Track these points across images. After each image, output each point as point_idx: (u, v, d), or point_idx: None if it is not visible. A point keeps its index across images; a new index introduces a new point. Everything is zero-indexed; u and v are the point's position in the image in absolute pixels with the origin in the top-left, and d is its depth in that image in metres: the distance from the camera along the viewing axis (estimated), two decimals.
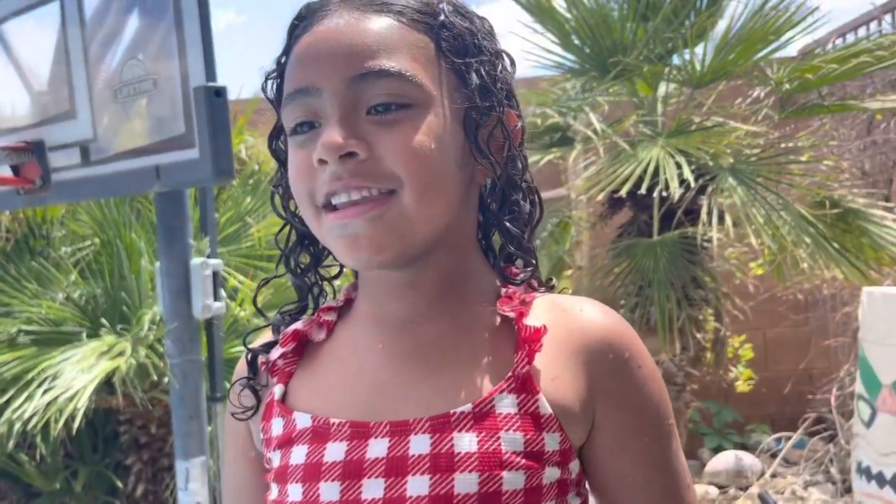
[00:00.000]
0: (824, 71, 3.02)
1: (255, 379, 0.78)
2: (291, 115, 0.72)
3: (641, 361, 0.72)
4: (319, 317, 0.79)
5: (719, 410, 4.45)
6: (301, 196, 0.72)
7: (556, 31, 3.35)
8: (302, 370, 0.77)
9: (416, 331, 0.73)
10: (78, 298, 2.94)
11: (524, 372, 0.69)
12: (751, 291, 3.72)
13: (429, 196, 0.69)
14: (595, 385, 0.70)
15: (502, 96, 0.74)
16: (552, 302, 0.75)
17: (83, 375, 2.51)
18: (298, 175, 0.72)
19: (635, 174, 2.83)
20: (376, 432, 0.69)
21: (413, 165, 0.68)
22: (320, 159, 0.68)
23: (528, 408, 0.68)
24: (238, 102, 4.08)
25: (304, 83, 0.70)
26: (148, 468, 3.17)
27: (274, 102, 0.77)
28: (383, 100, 0.68)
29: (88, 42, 2.00)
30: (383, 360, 0.73)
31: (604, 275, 3.28)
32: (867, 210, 3.04)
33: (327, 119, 0.69)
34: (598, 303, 0.75)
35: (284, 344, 0.77)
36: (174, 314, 2.20)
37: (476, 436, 0.66)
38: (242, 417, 0.78)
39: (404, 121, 0.68)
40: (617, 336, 0.72)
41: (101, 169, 1.98)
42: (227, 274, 3.01)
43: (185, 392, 2.20)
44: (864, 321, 2.27)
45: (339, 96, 0.69)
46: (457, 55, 0.72)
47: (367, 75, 0.68)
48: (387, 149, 0.68)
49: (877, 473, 2.15)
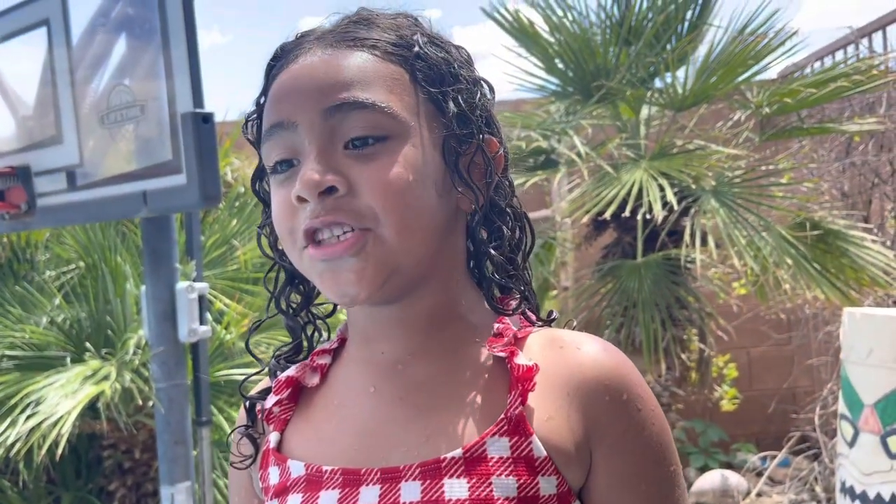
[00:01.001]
0: (803, 95, 3.08)
1: (252, 427, 0.78)
2: (270, 152, 0.72)
3: (641, 404, 0.70)
4: (313, 360, 0.78)
5: (705, 430, 4.47)
6: (284, 235, 0.72)
7: (539, 54, 3.39)
8: (297, 417, 0.76)
9: (406, 372, 0.72)
10: (62, 323, 2.92)
11: (517, 413, 0.67)
12: (734, 311, 3.75)
13: (408, 228, 0.69)
14: (591, 426, 0.69)
15: (482, 123, 0.73)
16: (550, 338, 0.73)
17: (67, 400, 2.49)
18: (280, 214, 0.72)
19: (619, 196, 2.86)
20: (367, 479, 0.68)
21: (390, 200, 0.67)
22: (299, 196, 0.68)
23: (522, 451, 0.66)
24: (224, 125, 4.08)
25: (280, 118, 0.70)
26: (132, 493, 3.13)
27: (255, 143, 0.77)
28: (359, 133, 0.68)
29: (75, 67, 2.01)
30: (374, 405, 0.72)
31: (589, 296, 3.30)
32: (847, 231, 3.08)
33: (305, 155, 0.69)
34: (600, 340, 0.73)
35: (278, 391, 0.77)
36: (160, 338, 2.19)
37: (467, 482, 0.65)
38: (240, 466, 0.78)
39: (381, 154, 0.68)
40: (615, 376, 0.70)
41: (87, 194, 1.98)
42: (213, 297, 3.00)
43: (170, 417, 2.19)
44: (846, 342, 2.29)
45: (314, 129, 0.69)
46: (433, 84, 0.71)
47: (342, 106, 0.68)
48: (364, 184, 0.68)
49: (860, 493, 2.17)
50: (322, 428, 0.74)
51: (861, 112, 3.63)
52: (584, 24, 3.34)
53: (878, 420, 2.14)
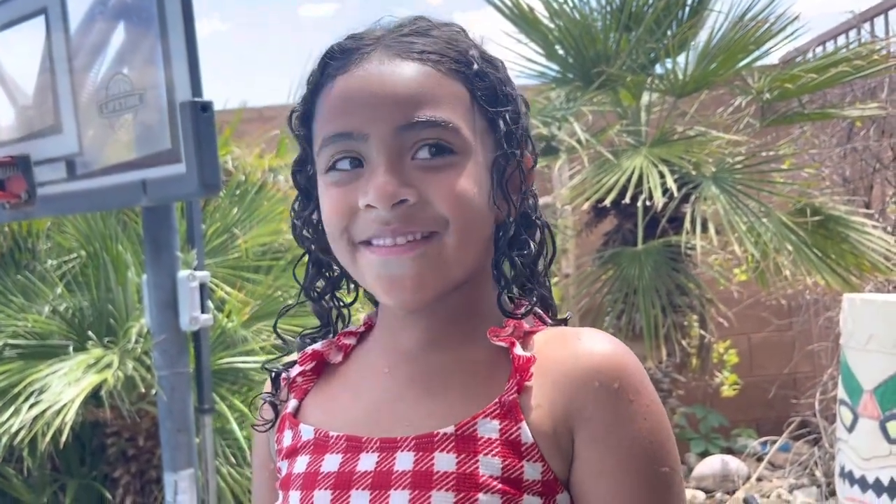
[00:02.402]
0: (804, 80, 3.06)
1: (275, 395, 0.83)
2: (331, 153, 0.73)
3: (635, 396, 0.69)
4: (339, 340, 0.83)
5: (705, 415, 4.48)
6: (335, 233, 0.74)
7: (540, 41, 3.38)
8: (317, 388, 0.81)
9: (420, 358, 0.77)
10: (64, 311, 2.93)
11: (510, 399, 0.70)
12: (735, 297, 3.76)
13: (469, 239, 0.73)
14: (576, 413, 0.69)
15: (524, 140, 0.77)
16: (556, 333, 0.76)
17: (70, 389, 2.50)
18: (335, 213, 0.73)
19: (619, 183, 2.86)
20: (368, 447, 0.73)
21: (459, 209, 0.71)
22: (369, 205, 0.70)
23: (510, 435, 0.69)
24: (224, 113, 4.07)
25: (349, 128, 0.72)
26: (136, 481, 3.15)
27: (299, 135, 0.78)
28: (429, 145, 0.71)
29: (73, 56, 2.01)
30: (386, 384, 0.77)
31: (590, 283, 3.30)
32: (848, 217, 3.08)
33: (372, 163, 0.71)
34: (605, 333, 0.74)
35: (303, 363, 0.82)
36: (161, 327, 2.21)
37: (455, 457, 0.69)
38: (261, 429, 0.83)
39: (449, 167, 0.71)
40: (610, 365, 0.70)
41: (87, 183, 1.99)
42: (214, 285, 3.01)
43: (172, 404, 2.20)
44: (846, 327, 2.29)
45: (386, 142, 0.71)
46: (489, 104, 0.75)
47: (416, 125, 0.70)
48: (434, 193, 0.70)
49: (859, 478, 2.18)
50: (336, 399, 0.79)
51: (862, 97, 3.62)
52: (585, 9, 3.32)
53: (877, 405, 2.15)
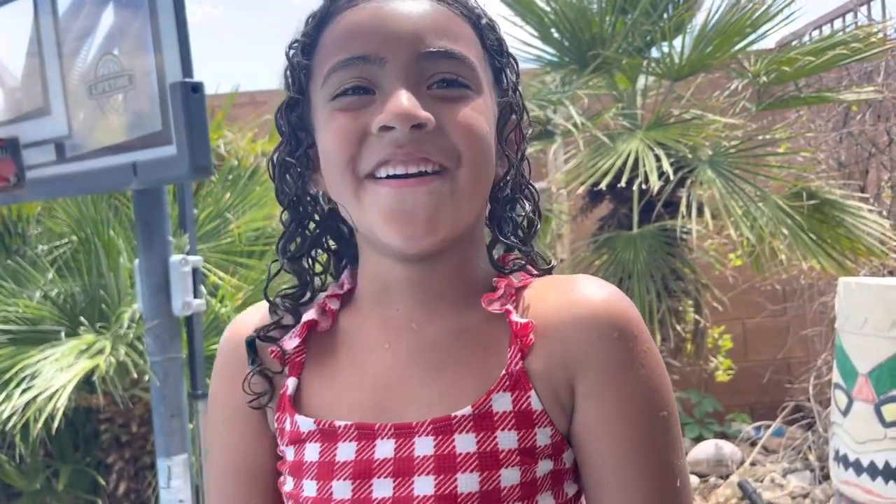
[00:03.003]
0: (800, 63, 3.04)
1: (261, 364, 0.77)
2: (341, 79, 0.70)
3: (633, 343, 0.69)
4: (325, 304, 0.79)
5: (700, 400, 4.49)
6: (339, 162, 0.70)
7: (535, 24, 3.35)
8: (311, 363, 0.77)
9: (419, 332, 0.74)
10: (56, 297, 2.90)
11: (517, 370, 0.70)
12: (730, 282, 3.75)
13: (480, 178, 0.71)
14: (576, 365, 0.69)
15: (520, 105, 0.78)
16: (547, 284, 0.75)
17: (62, 374, 2.48)
18: (341, 139, 0.70)
19: (615, 167, 2.85)
20: (382, 434, 0.70)
21: (474, 143, 0.70)
22: (386, 126, 0.67)
23: (522, 405, 0.69)
24: (216, 97, 4.04)
25: (366, 51, 0.70)
26: (130, 466, 3.14)
27: (295, 69, 0.75)
28: (446, 77, 0.70)
29: (62, 37, 1.98)
30: (388, 362, 0.74)
31: (585, 267, 3.29)
32: (843, 201, 3.07)
33: (387, 89, 0.69)
34: (597, 279, 0.73)
35: (302, 334, 0.77)
36: (154, 312, 2.19)
37: (475, 436, 0.68)
38: (256, 405, 0.76)
39: (464, 100, 0.70)
40: (607, 314, 0.69)
41: (76, 166, 1.96)
42: (207, 270, 2.99)
43: (165, 390, 2.19)
44: (841, 311, 2.29)
45: (405, 69, 0.69)
46: (496, 55, 0.76)
47: (435, 54, 0.70)
48: (450, 123, 0.69)
49: (854, 461, 2.18)
50: (337, 381, 0.75)
51: (859, 81, 3.60)
52: None
53: (871, 389, 2.15)
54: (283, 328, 0.79)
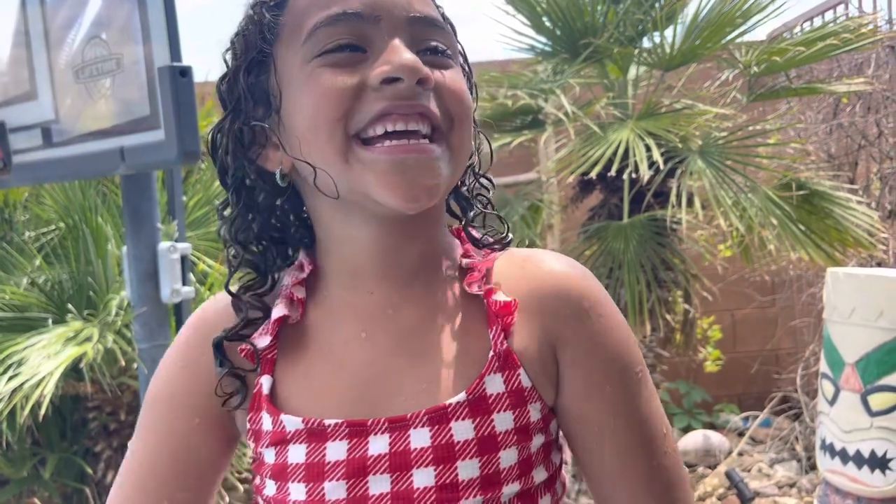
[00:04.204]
0: (791, 54, 3.05)
1: (231, 364, 0.73)
2: (331, 35, 0.68)
3: (602, 310, 0.72)
4: (292, 294, 0.75)
5: (689, 391, 4.51)
6: (327, 120, 0.67)
7: (527, 13, 3.34)
8: (283, 358, 0.73)
9: (395, 317, 0.73)
10: (43, 284, 2.88)
11: (504, 349, 0.70)
12: (719, 273, 3.76)
13: (467, 144, 0.72)
14: (556, 336, 0.71)
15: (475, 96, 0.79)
16: (510, 259, 0.75)
17: (49, 362, 2.47)
18: (333, 94, 0.66)
19: (605, 156, 2.84)
20: (375, 429, 0.69)
21: (464, 108, 0.71)
22: (391, 77, 0.66)
23: (513, 384, 0.70)
24: (206, 84, 4.01)
25: (359, 8, 0.68)
26: (118, 455, 3.13)
27: (258, 28, 0.71)
28: (436, 46, 0.71)
29: (49, 21, 1.96)
30: (368, 353, 0.72)
31: (575, 257, 3.29)
32: (832, 192, 3.08)
33: (382, 45, 0.68)
34: (558, 254, 0.76)
35: (272, 332, 0.73)
36: (142, 299, 2.18)
37: (472, 422, 0.68)
38: (230, 407, 0.73)
39: (453, 67, 0.72)
40: (575, 285, 0.72)
41: (63, 151, 1.95)
42: (196, 258, 2.98)
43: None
44: (828, 301, 2.30)
45: (400, 29, 0.69)
46: (463, 56, 0.77)
47: (425, 20, 0.70)
48: (444, 87, 0.70)
49: (840, 450, 2.20)
50: (315, 376, 0.72)
51: (850, 72, 3.61)
52: None
53: (858, 378, 2.16)
54: (251, 324, 0.75)
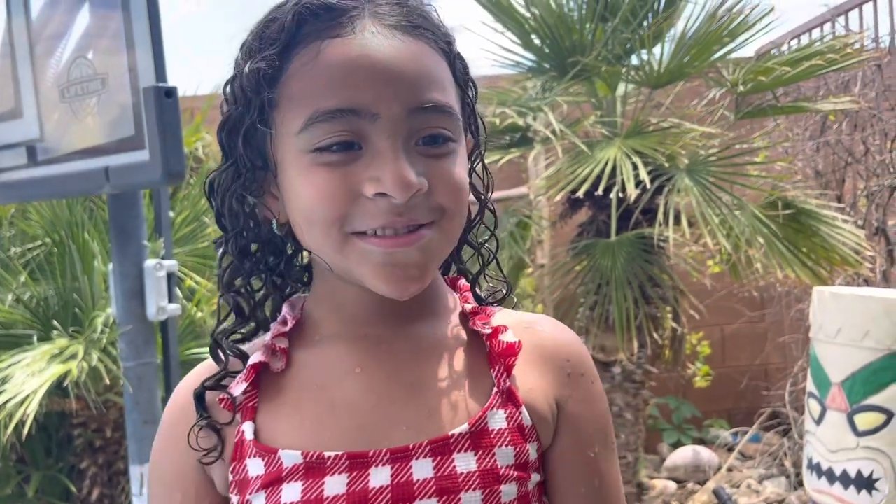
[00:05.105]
0: (777, 73, 3.06)
1: (210, 418, 0.73)
2: (326, 131, 0.67)
3: (594, 379, 0.78)
4: (274, 345, 0.75)
5: (678, 406, 4.51)
6: (327, 219, 0.68)
7: (516, 30, 3.35)
8: (267, 404, 0.73)
9: (390, 351, 0.74)
10: (28, 300, 2.87)
11: (507, 387, 0.72)
12: (709, 289, 3.77)
13: (459, 227, 0.74)
14: (557, 390, 0.75)
15: (482, 127, 0.80)
16: (514, 318, 0.79)
17: (33, 379, 2.45)
18: (331, 199, 0.67)
19: (593, 175, 2.85)
20: (376, 461, 0.68)
21: (457, 199, 0.71)
22: (382, 193, 0.66)
23: (515, 421, 0.72)
24: (196, 98, 4.01)
25: (356, 104, 0.66)
26: (103, 472, 3.11)
27: (253, 99, 0.69)
28: (436, 132, 0.69)
29: (35, 38, 1.95)
30: (365, 385, 0.72)
31: (563, 273, 3.30)
32: (818, 210, 3.09)
33: (378, 146, 0.67)
34: (556, 321, 0.81)
35: (248, 378, 0.73)
36: (127, 316, 2.17)
37: (474, 454, 0.69)
38: (208, 461, 0.73)
39: (448, 155, 0.70)
40: (575, 353, 0.78)
41: (48, 169, 1.94)
42: (183, 274, 2.97)
43: (139, 396, 2.17)
44: (814, 320, 2.30)
45: (398, 126, 0.67)
46: (464, 88, 0.76)
47: (427, 109, 0.68)
48: (438, 183, 0.69)
49: (826, 470, 2.20)
50: (308, 413, 0.71)
51: (836, 91, 3.64)
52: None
53: (845, 398, 2.16)
54: (233, 375, 0.74)
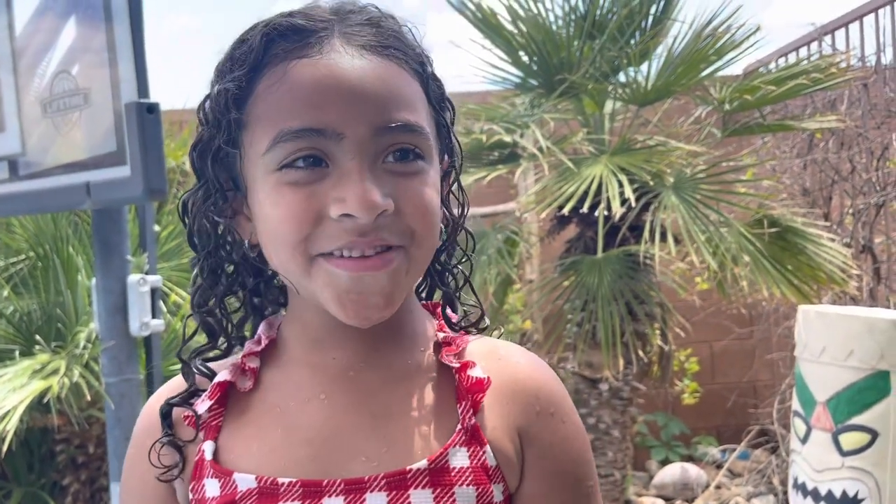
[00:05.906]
0: (764, 91, 3.09)
1: (173, 434, 0.72)
2: (291, 149, 0.65)
3: (566, 417, 0.73)
4: (244, 364, 0.74)
5: (667, 423, 4.50)
6: (291, 241, 0.66)
7: (503, 46, 3.37)
8: (231, 424, 0.72)
9: (357, 379, 0.71)
10: (11, 315, 2.85)
11: (472, 424, 0.69)
12: (697, 306, 3.78)
13: (430, 252, 0.71)
14: (523, 432, 0.71)
15: (458, 148, 0.77)
16: (488, 348, 0.75)
17: (14, 395, 2.43)
18: (294, 219, 0.66)
19: (579, 192, 2.86)
20: (330, 490, 0.66)
21: (426, 222, 0.68)
22: (347, 214, 0.64)
23: (479, 460, 0.68)
24: (184, 112, 3.99)
25: (322, 124, 0.65)
26: (86, 488, 3.08)
27: (222, 119, 0.69)
28: (405, 146, 0.67)
29: (19, 52, 1.95)
30: (326, 412, 0.70)
31: (551, 290, 3.30)
32: (805, 228, 3.10)
33: (344, 166, 0.65)
34: (532, 354, 0.76)
35: (213, 396, 0.72)
36: (110, 332, 2.15)
37: (432, 492, 0.66)
38: (167, 478, 0.72)
39: (418, 174, 0.68)
40: (546, 389, 0.73)
41: (30, 184, 1.93)
42: (168, 288, 2.95)
43: (121, 412, 2.15)
44: (800, 339, 2.31)
45: (363, 146, 0.65)
46: (440, 109, 0.73)
47: (394, 128, 0.66)
48: (406, 204, 0.67)
49: (812, 490, 2.19)
50: (268, 437, 0.70)
51: (822, 110, 3.66)
52: (549, 17, 3.32)
53: (830, 418, 2.16)
54: (199, 393, 0.74)
